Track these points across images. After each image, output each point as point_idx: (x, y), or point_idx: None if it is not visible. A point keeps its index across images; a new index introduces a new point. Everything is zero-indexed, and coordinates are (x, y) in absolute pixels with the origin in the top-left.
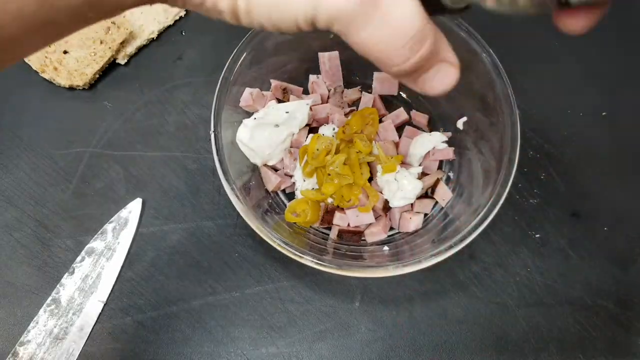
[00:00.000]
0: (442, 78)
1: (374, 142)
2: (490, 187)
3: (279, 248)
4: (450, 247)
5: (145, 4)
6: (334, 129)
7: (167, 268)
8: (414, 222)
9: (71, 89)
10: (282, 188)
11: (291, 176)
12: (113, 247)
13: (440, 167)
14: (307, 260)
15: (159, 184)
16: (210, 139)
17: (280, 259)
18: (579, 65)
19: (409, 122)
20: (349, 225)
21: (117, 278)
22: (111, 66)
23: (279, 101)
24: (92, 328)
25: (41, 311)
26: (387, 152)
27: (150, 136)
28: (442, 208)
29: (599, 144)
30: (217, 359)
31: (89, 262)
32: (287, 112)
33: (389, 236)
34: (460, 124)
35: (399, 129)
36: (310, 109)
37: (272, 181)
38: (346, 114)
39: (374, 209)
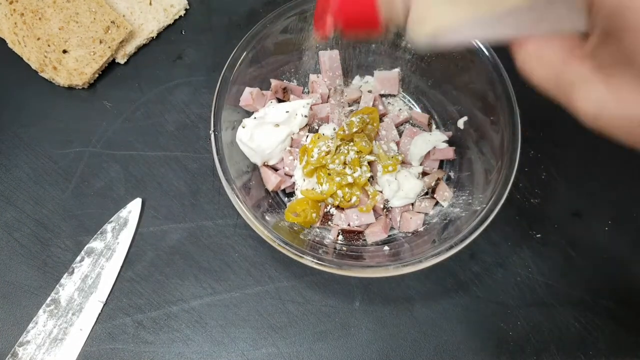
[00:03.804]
0: None
1: (374, 141)
2: (491, 186)
3: (279, 248)
4: (451, 247)
5: None
6: (334, 129)
7: (167, 268)
8: (414, 222)
9: (70, 88)
10: (282, 188)
11: (291, 176)
12: (113, 247)
13: (440, 167)
14: (307, 260)
15: (159, 183)
16: (210, 139)
17: (280, 259)
18: None
19: (410, 122)
20: (349, 225)
21: (117, 278)
22: (111, 65)
23: (279, 101)
24: (92, 328)
25: (40, 311)
26: (387, 151)
27: (150, 136)
28: (443, 208)
29: (600, 143)
30: (217, 359)
31: (88, 262)
32: (287, 112)
33: (389, 236)
34: (460, 123)
35: (399, 128)
36: (311, 108)
37: (272, 181)
38: (346, 114)
39: (374, 209)
